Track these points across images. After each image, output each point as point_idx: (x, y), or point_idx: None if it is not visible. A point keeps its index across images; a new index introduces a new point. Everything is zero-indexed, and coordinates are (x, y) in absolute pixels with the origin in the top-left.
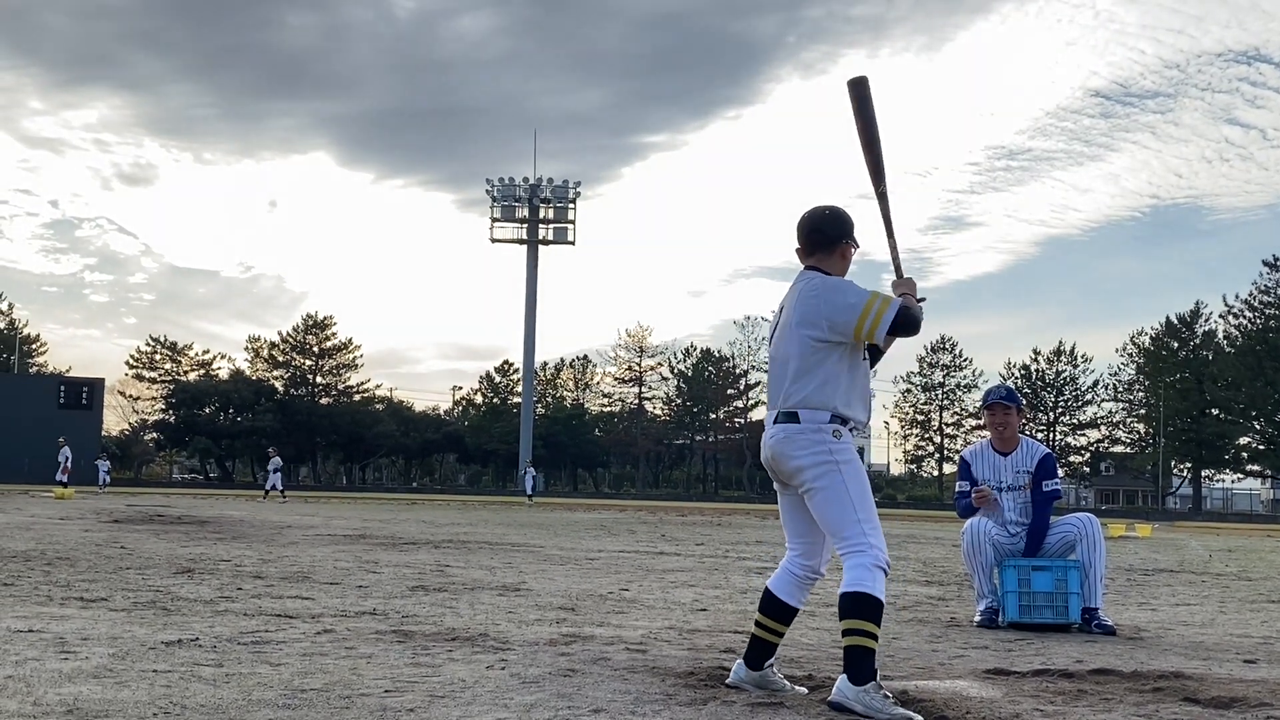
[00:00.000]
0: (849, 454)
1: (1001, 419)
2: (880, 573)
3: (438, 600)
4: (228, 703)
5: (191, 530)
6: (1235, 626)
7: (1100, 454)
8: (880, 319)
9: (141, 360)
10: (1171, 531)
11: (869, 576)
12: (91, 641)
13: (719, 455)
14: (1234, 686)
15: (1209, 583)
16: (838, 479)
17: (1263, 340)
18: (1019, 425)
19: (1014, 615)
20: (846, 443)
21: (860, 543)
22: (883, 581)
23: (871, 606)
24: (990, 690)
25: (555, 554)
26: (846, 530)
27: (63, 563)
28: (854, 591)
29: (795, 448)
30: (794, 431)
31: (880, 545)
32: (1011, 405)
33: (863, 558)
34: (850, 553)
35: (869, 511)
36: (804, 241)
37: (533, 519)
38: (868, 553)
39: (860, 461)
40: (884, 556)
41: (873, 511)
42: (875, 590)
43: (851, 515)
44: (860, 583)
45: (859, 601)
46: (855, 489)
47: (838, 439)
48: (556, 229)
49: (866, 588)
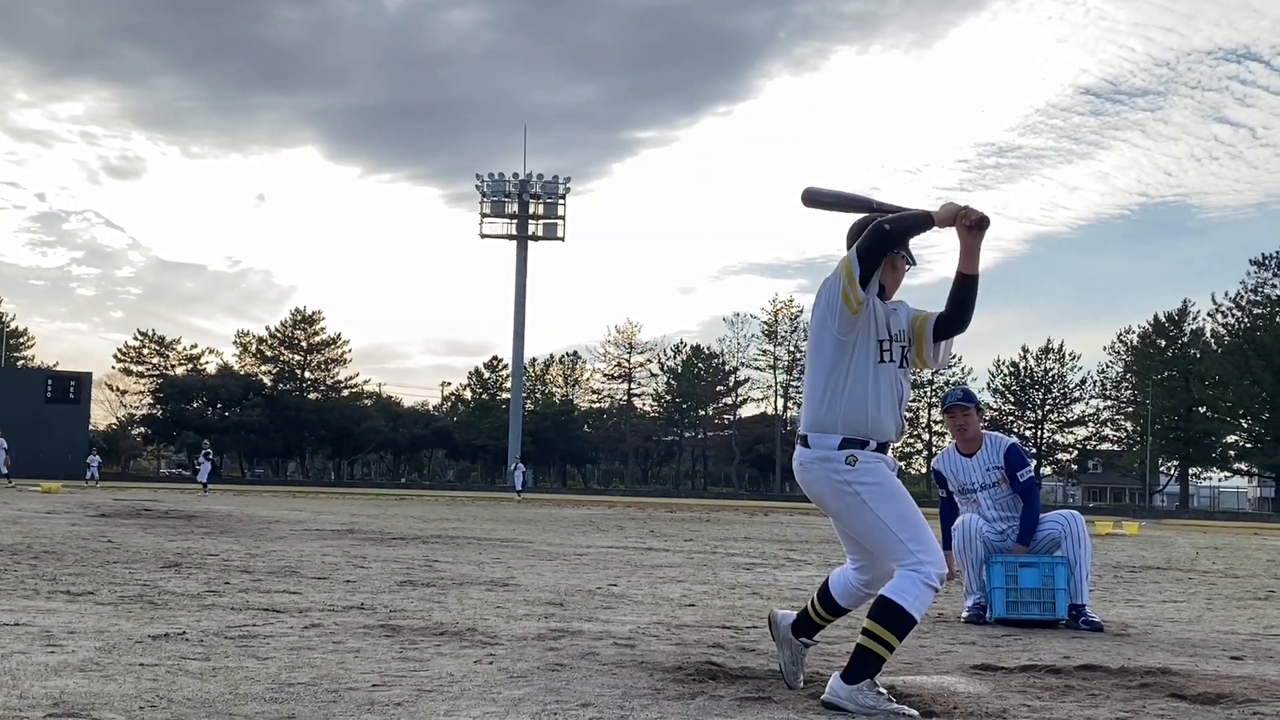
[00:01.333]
0: (871, 477)
1: (962, 421)
2: (929, 592)
3: (426, 595)
4: (215, 696)
5: (179, 524)
6: (1222, 623)
7: (1088, 451)
8: (849, 264)
9: (129, 354)
10: (1159, 529)
11: (915, 592)
12: (78, 635)
13: (708, 452)
14: (1220, 683)
15: (1196, 580)
16: (863, 508)
17: (1250, 339)
18: (980, 424)
19: (1001, 611)
20: (865, 466)
21: (912, 562)
22: (928, 600)
23: (902, 621)
24: (978, 686)
25: (544, 549)
26: (893, 552)
27: (49, 556)
28: (893, 601)
29: (810, 477)
30: (807, 460)
31: (932, 561)
32: (970, 406)
33: (915, 574)
34: (904, 567)
35: (912, 529)
36: (849, 244)
37: (521, 515)
38: (920, 569)
39: (890, 478)
40: (937, 574)
41: (919, 526)
42: (913, 608)
43: (891, 538)
44: (903, 593)
45: (893, 612)
46: (888, 511)
47: (852, 466)
48: (546, 225)
49: (906, 602)
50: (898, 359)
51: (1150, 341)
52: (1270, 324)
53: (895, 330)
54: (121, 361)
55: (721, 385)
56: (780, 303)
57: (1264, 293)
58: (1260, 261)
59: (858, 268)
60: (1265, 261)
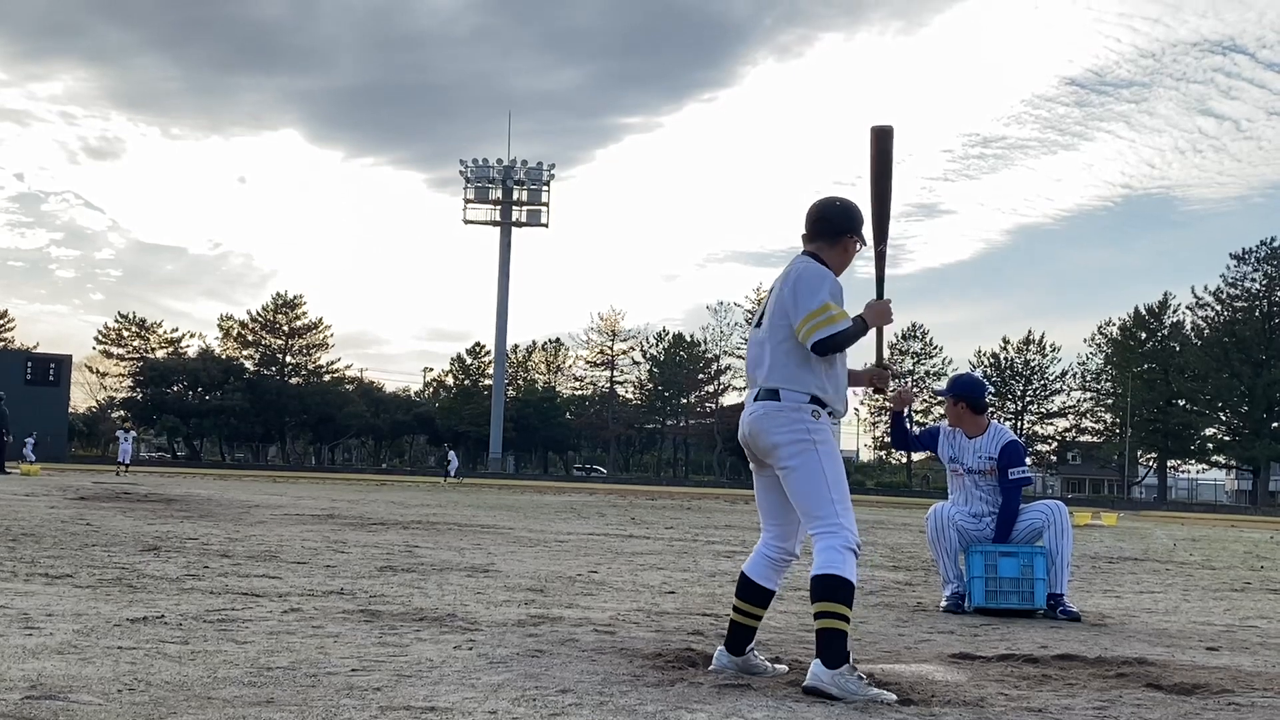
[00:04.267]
0: (826, 435)
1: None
2: (851, 555)
3: (406, 581)
4: (193, 680)
5: (158, 508)
6: (1198, 614)
7: (1067, 443)
8: (812, 332)
9: (110, 337)
10: (1137, 520)
11: (840, 559)
12: (56, 618)
13: (690, 440)
14: (1197, 673)
15: (1173, 571)
16: (814, 458)
17: (1230, 333)
18: (977, 419)
19: (980, 600)
20: (824, 424)
21: (833, 523)
22: (854, 563)
23: (843, 589)
24: (956, 674)
25: (524, 536)
26: (820, 509)
27: (28, 539)
28: (825, 574)
29: (774, 424)
30: (773, 409)
31: (851, 527)
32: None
33: (833, 539)
34: (821, 533)
35: (842, 492)
36: (809, 227)
37: (502, 501)
38: (838, 534)
39: (836, 445)
40: (855, 538)
41: (846, 493)
42: (846, 573)
43: (825, 494)
44: (831, 565)
45: (830, 584)
46: (830, 469)
47: (816, 419)
48: (530, 211)
49: (837, 569)
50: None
51: (1130, 334)
52: (1249, 318)
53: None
54: (102, 344)
55: (704, 374)
56: (763, 291)
57: (1243, 286)
58: (1240, 255)
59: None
60: (1245, 255)
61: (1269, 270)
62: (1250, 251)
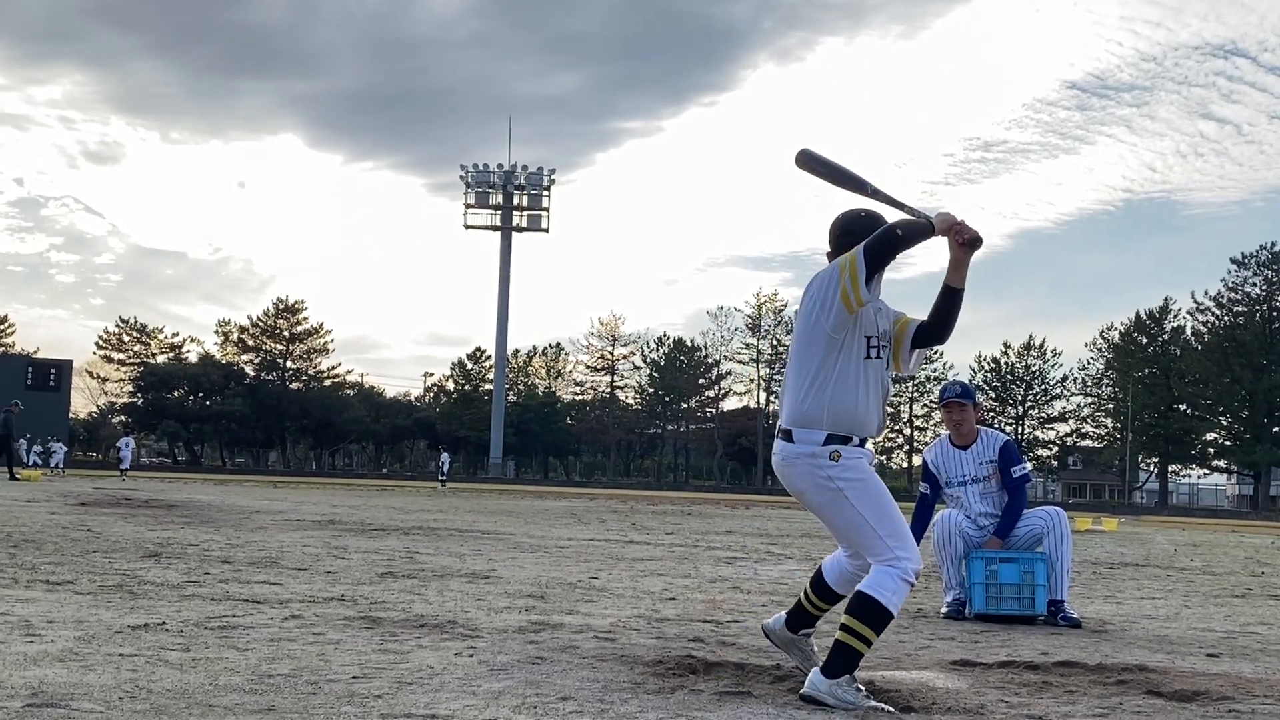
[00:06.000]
0: (853, 473)
1: (959, 416)
2: (905, 587)
3: (407, 587)
4: (194, 687)
5: (159, 514)
6: (1199, 620)
7: (1068, 448)
8: (855, 262)
9: (110, 342)
10: (1137, 525)
11: (890, 587)
12: (57, 625)
13: (690, 445)
14: (1197, 680)
15: (1174, 577)
16: (844, 505)
17: (1231, 337)
18: (975, 419)
19: (981, 607)
20: (848, 462)
21: (888, 558)
22: (904, 595)
23: (880, 616)
24: (956, 681)
25: (525, 542)
26: (870, 547)
27: (28, 545)
28: (870, 596)
29: (794, 474)
30: (791, 455)
31: (910, 556)
32: (967, 403)
33: (892, 570)
34: (880, 565)
35: (891, 525)
36: (833, 241)
37: (502, 506)
38: (896, 565)
39: (871, 474)
40: (914, 569)
41: (897, 523)
42: (890, 603)
43: (870, 533)
44: (880, 589)
45: (870, 606)
46: (868, 509)
47: (835, 461)
48: (530, 216)
49: (884, 598)
50: (884, 356)
51: (1131, 339)
52: (1250, 322)
53: (882, 328)
54: (102, 349)
55: (704, 378)
56: (764, 296)
57: (1244, 291)
58: (1241, 260)
59: (863, 269)
60: (1246, 260)
61: (1270, 275)
62: (1251, 256)
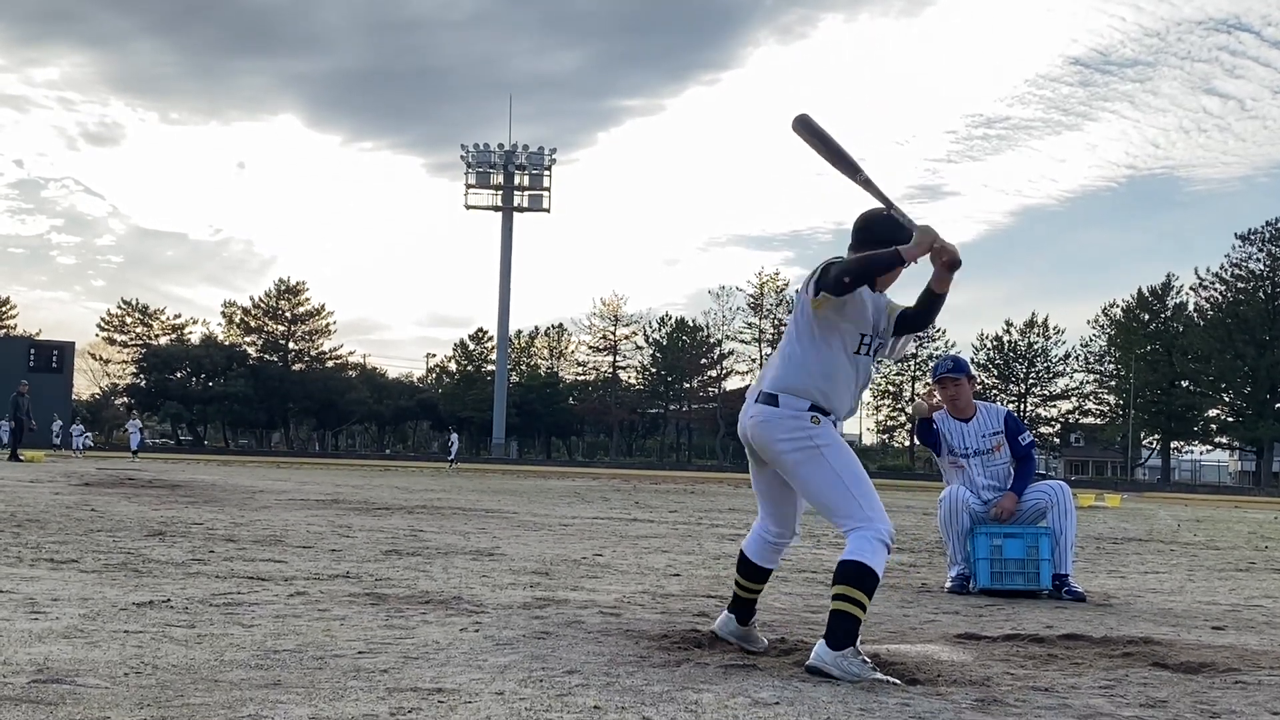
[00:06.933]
0: (830, 436)
1: (953, 391)
2: (883, 548)
3: (411, 564)
4: (200, 663)
5: (163, 494)
6: (1203, 594)
7: (1071, 425)
8: (824, 275)
9: (113, 324)
10: (1140, 502)
11: (870, 550)
12: (62, 602)
13: (693, 424)
14: (1202, 652)
15: (1177, 551)
16: (822, 463)
17: (1233, 313)
18: (971, 392)
19: (985, 582)
20: (825, 428)
21: (862, 519)
22: (884, 557)
23: (867, 578)
24: (961, 654)
25: (529, 520)
26: (845, 509)
27: (33, 525)
28: (853, 560)
29: (774, 431)
30: (772, 415)
31: (882, 519)
32: (960, 376)
33: (867, 532)
34: (854, 530)
35: (863, 488)
36: (855, 235)
37: (505, 486)
38: (870, 527)
39: (844, 442)
40: (888, 531)
41: (867, 486)
42: (874, 564)
43: (846, 494)
44: (861, 553)
45: (856, 571)
46: (844, 469)
47: (816, 425)
48: (532, 196)
49: (866, 559)
50: (873, 353)
51: (1134, 315)
52: (1253, 298)
53: (880, 329)
54: (105, 331)
55: (706, 358)
56: (766, 276)
57: (1247, 267)
58: (1244, 236)
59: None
60: (1249, 236)
61: (1273, 250)
62: (1255, 232)
